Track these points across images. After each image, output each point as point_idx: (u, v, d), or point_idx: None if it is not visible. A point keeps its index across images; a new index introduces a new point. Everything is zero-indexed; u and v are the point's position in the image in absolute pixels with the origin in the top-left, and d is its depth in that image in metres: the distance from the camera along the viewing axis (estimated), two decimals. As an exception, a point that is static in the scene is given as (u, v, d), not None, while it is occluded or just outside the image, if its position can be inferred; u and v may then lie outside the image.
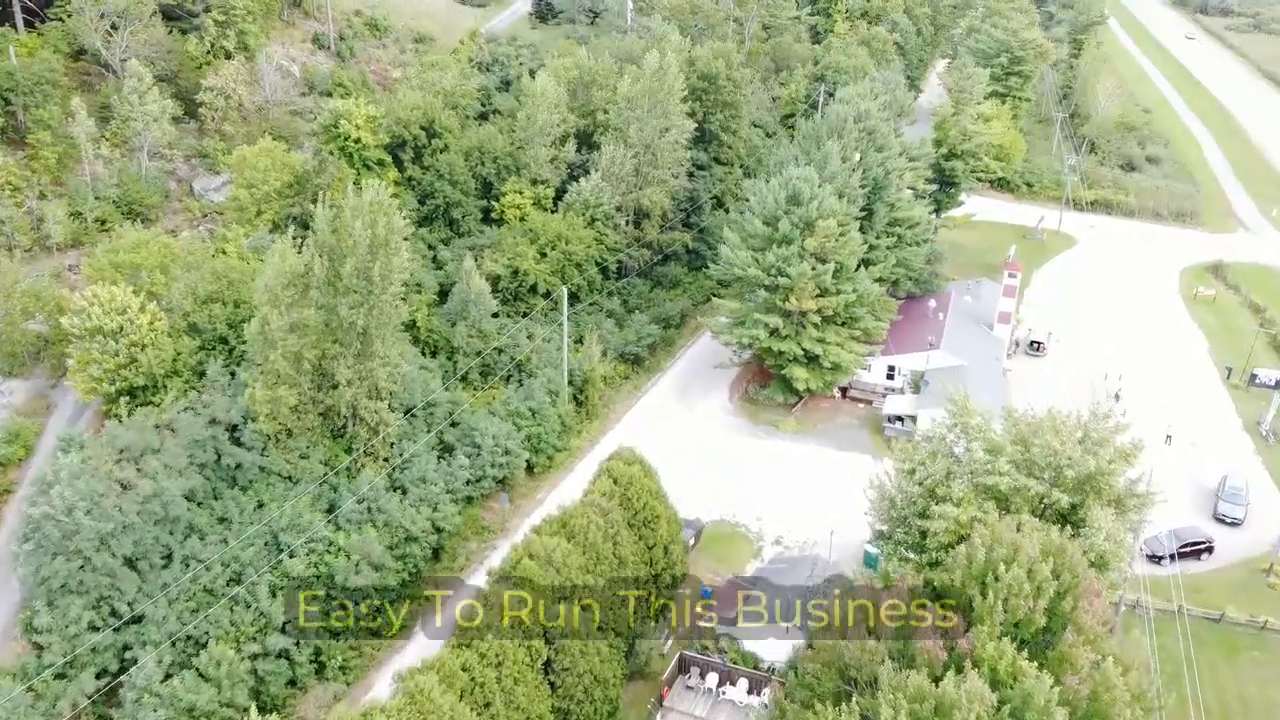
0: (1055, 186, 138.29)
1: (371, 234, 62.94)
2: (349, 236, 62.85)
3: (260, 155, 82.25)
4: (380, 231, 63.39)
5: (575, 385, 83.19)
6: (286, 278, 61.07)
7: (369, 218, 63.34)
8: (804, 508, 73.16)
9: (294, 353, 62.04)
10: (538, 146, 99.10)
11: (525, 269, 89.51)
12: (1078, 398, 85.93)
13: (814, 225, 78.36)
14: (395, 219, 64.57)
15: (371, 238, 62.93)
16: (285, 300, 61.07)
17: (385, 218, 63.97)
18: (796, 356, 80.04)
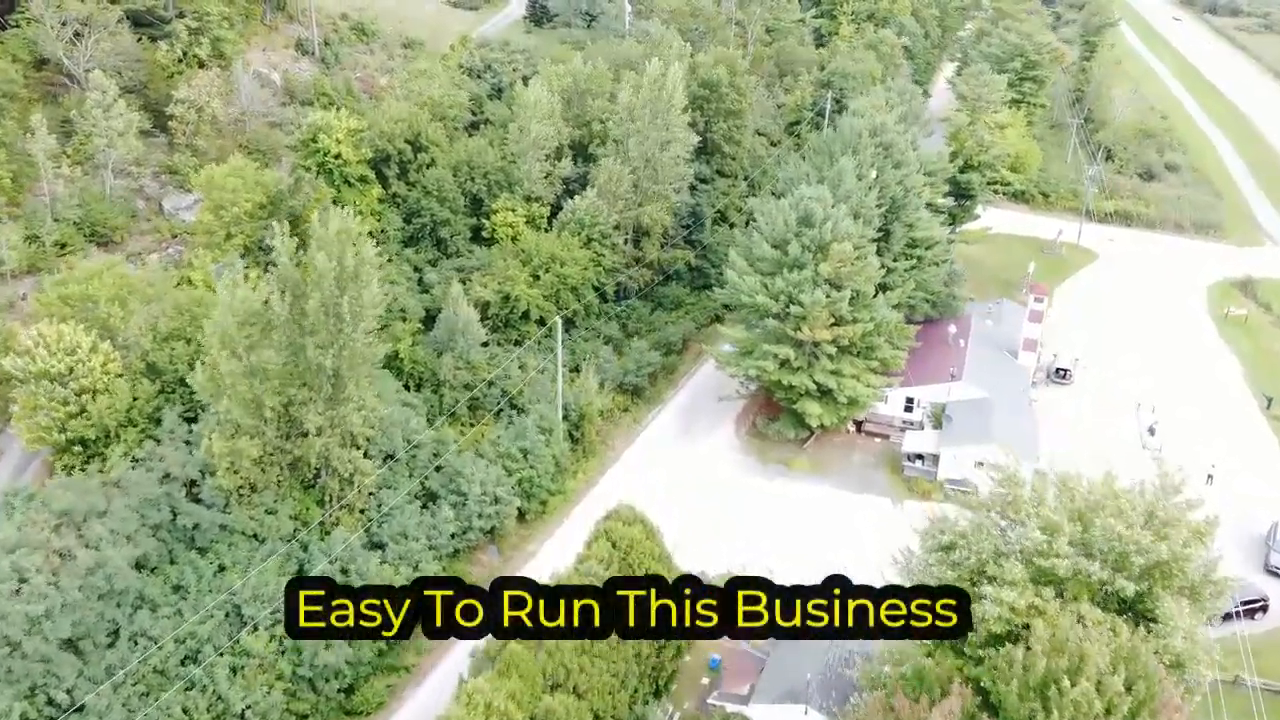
0: (1072, 197, 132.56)
1: (339, 267, 56.99)
2: (314, 269, 56.89)
3: (229, 175, 76.19)
4: (349, 263, 57.43)
5: (571, 420, 77.29)
6: (241, 316, 55.05)
7: (336, 248, 57.38)
8: (820, 559, 67.04)
9: (254, 399, 56.08)
10: (530, 161, 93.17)
11: (517, 294, 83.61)
12: (1111, 433, 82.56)
13: (828, 249, 72.49)
14: (365, 249, 58.62)
15: (339, 271, 56.97)
16: (241, 341, 55.08)
17: (354, 248, 58.02)
18: (809, 390, 74.15)
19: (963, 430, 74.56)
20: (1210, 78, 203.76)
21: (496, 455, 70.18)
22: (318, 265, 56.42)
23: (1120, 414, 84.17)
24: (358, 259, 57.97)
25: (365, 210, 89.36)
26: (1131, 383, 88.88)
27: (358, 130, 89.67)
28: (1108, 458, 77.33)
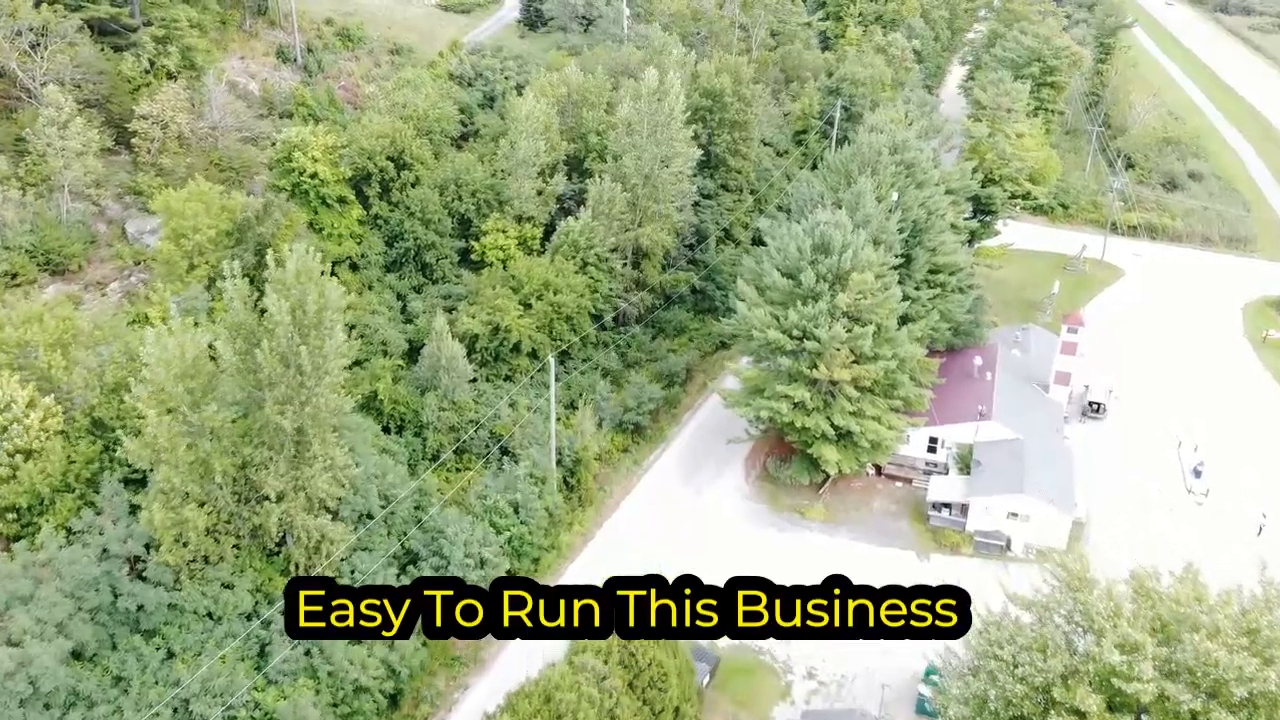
0: (1093, 209, 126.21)
1: (299, 312, 50.55)
2: (270, 316, 50.46)
3: (190, 199, 69.77)
4: (310, 308, 50.99)
5: (565, 466, 70.91)
6: (180, 367, 48.58)
7: (295, 291, 50.93)
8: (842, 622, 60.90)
9: (200, 463, 49.68)
10: (521, 178, 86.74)
11: (507, 325, 77.17)
12: (1152, 475, 76.03)
13: (847, 279, 66.11)
14: (330, 291, 52.17)
15: (299, 317, 50.53)
16: (183, 397, 48.65)
17: (316, 291, 51.58)
18: (825, 434, 67.75)
19: (993, 477, 68.21)
20: (1226, 79, 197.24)
21: (484, 510, 63.78)
22: (274, 311, 50.02)
23: (1160, 452, 77.84)
24: (320, 303, 51.53)
25: (344, 233, 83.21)
26: (1169, 416, 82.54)
27: (336, 147, 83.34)
28: (1151, 503, 72.07)
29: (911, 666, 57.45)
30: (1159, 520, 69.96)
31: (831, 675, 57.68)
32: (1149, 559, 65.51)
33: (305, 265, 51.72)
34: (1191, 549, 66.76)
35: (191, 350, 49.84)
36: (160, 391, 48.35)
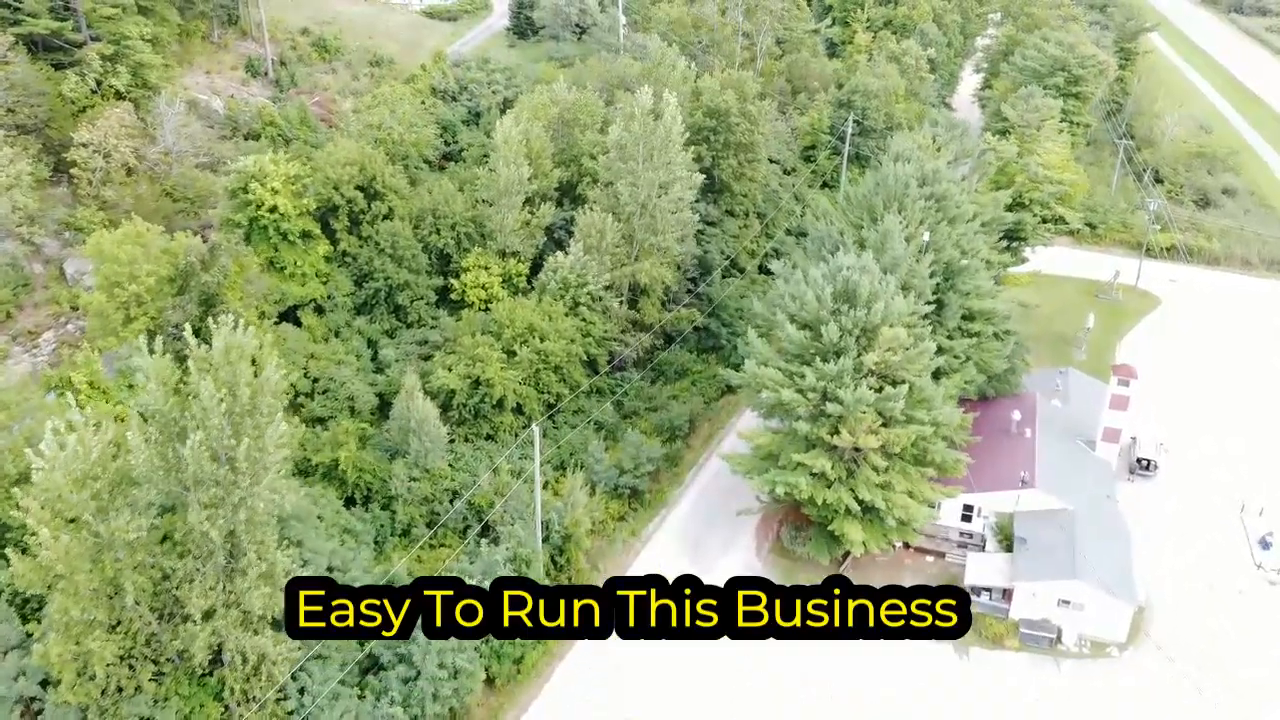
0: (1122, 229, 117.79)
1: (230, 398, 42.22)
2: (194, 404, 42.12)
3: (125, 242, 61.39)
4: (243, 394, 42.65)
5: (553, 543, 62.52)
6: (80, 470, 40.21)
7: (227, 373, 42.60)
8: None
9: (108, 583, 41.31)
10: (504, 209, 78.34)
11: (488, 378, 68.76)
12: (1214, 546, 64.96)
13: (875, 333, 57.76)
14: (268, 372, 43.82)
15: (229, 405, 42.19)
16: (84, 505, 40.28)
17: (251, 372, 43.25)
18: (849, 508, 59.38)
19: (1041, 557, 59.83)
20: (1250, 84, 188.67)
21: (457, 605, 55.27)
22: (201, 398, 41.66)
23: (1221, 518, 69.51)
24: (255, 387, 43.16)
25: (308, 272, 74.86)
26: (1226, 472, 74.22)
27: (299, 176, 74.89)
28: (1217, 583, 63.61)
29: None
30: (1229, 605, 61.65)
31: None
32: (1224, 656, 58.28)
33: (235, 342, 43.34)
34: (1272, 643, 58.70)
35: (100, 447, 41.43)
36: (57, 500, 39.93)
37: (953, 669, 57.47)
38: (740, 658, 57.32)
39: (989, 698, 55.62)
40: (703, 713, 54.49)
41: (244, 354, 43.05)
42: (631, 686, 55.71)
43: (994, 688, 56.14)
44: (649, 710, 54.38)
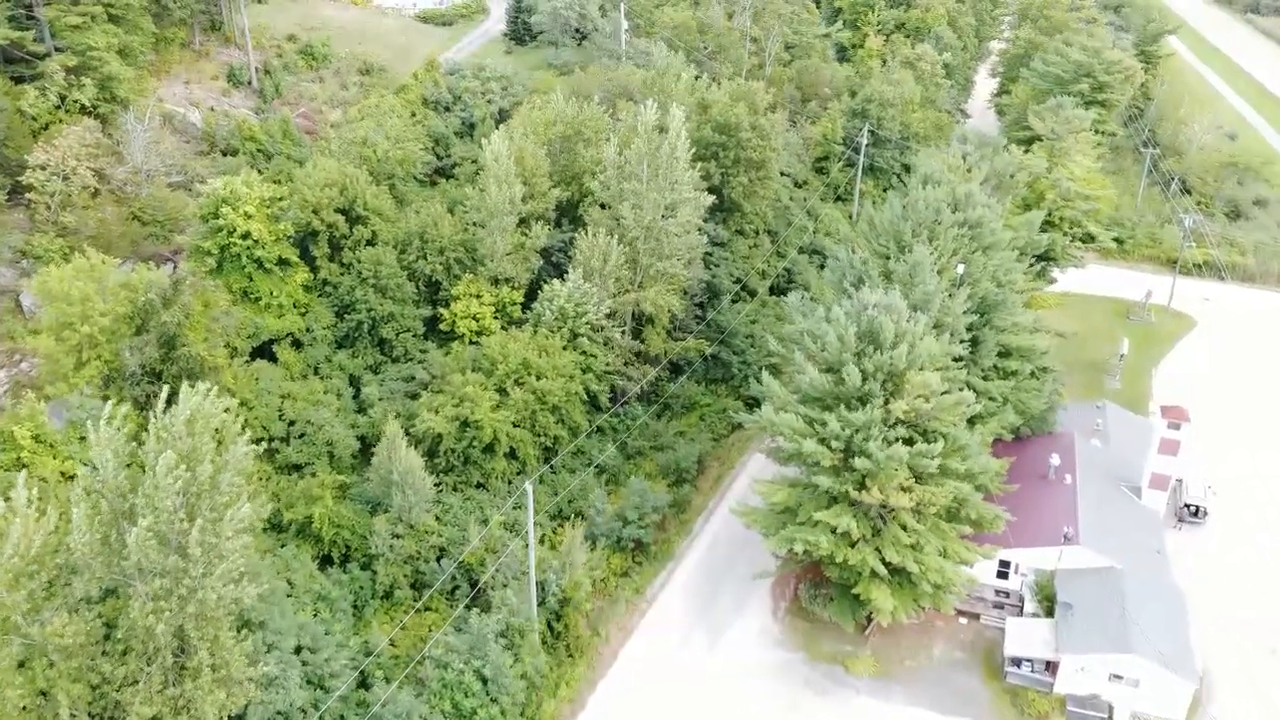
0: (1151, 244, 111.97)
1: (188, 476, 36.66)
2: (147, 479, 36.63)
3: (75, 278, 55.69)
4: (203, 472, 37.07)
5: (549, 607, 56.86)
6: (18, 569, 34.65)
7: (186, 445, 37.07)
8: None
9: (40, 695, 35.69)
10: (495, 233, 72.60)
11: (478, 420, 63.06)
12: (1276, 605, 60.48)
13: (903, 379, 52.02)
14: (236, 450, 38.27)
15: (185, 484, 36.62)
16: (15, 607, 34.67)
17: (215, 444, 37.74)
18: (876, 570, 53.62)
19: (1088, 626, 54.06)
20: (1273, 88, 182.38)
21: (442, 687, 49.65)
22: (155, 474, 36.12)
23: (1276, 571, 63.72)
24: (219, 465, 37.57)
25: (285, 303, 69.18)
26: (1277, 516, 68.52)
27: (275, 199, 69.28)
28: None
29: None
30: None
31: None
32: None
33: (201, 411, 37.79)
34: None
35: (42, 538, 35.87)
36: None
37: (994, 752, 51.82)
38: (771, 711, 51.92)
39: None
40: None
41: (209, 425, 37.49)
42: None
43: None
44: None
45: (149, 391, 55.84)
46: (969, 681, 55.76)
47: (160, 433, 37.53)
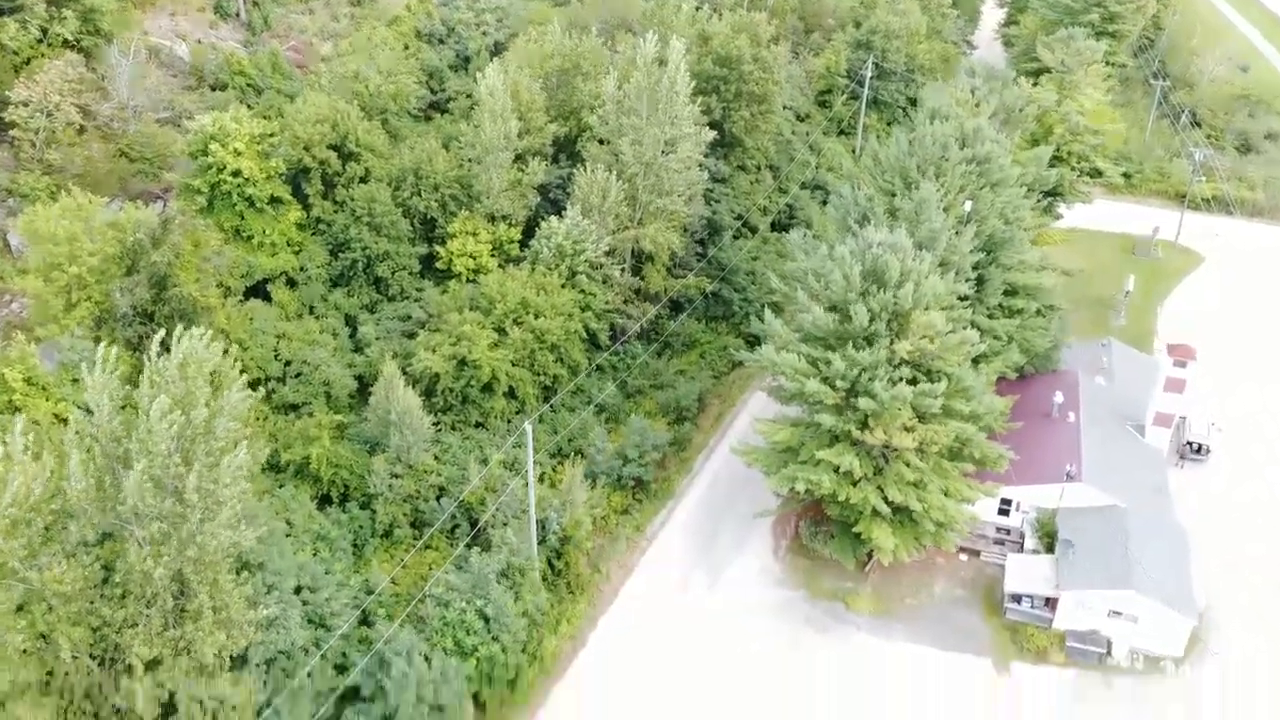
0: (1159, 178, 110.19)
1: (182, 420, 36.07)
2: (141, 424, 36.05)
3: (64, 217, 54.54)
4: (199, 417, 36.47)
5: (550, 545, 56.80)
6: (16, 516, 34.25)
7: (180, 389, 36.42)
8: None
9: (40, 638, 35.57)
10: (491, 169, 71.11)
11: (476, 359, 62.39)
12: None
13: (908, 319, 51.21)
14: (231, 395, 37.64)
15: (180, 428, 36.05)
16: (12, 553, 34.34)
17: (209, 389, 37.09)
18: (877, 509, 53.39)
19: (1090, 563, 54.03)
20: None
21: (443, 625, 49.73)
22: (149, 418, 35.53)
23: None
24: (213, 409, 36.95)
25: (278, 242, 68.04)
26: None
27: (265, 135, 67.69)
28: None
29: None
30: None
31: None
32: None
33: (195, 355, 37.07)
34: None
35: (41, 486, 35.42)
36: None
37: (992, 682, 52.10)
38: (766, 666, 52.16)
39: (1031, 718, 50.32)
40: (724, 712, 49.41)
41: (203, 370, 36.80)
42: (639, 701, 50.41)
43: (1037, 707, 50.75)
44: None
45: (141, 333, 55.08)
46: (969, 618, 55.93)
47: (154, 377, 36.85)
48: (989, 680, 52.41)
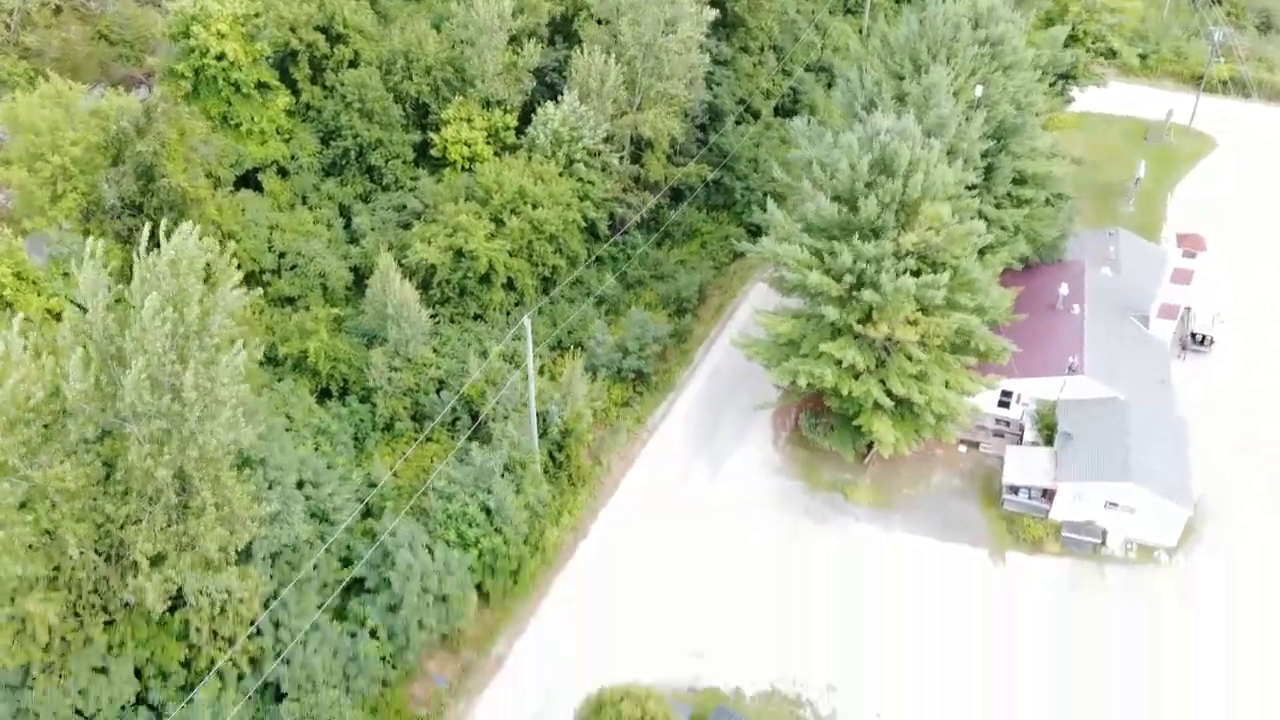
0: (1175, 59, 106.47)
1: (175, 318, 35.43)
2: (134, 323, 35.41)
3: (44, 105, 52.62)
4: (192, 314, 35.80)
5: (551, 438, 56.95)
6: (14, 410, 33.95)
7: (171, 288, 35.64)
8: (899, 657, 48.83)
9: (45, 535, 35.76)
10: (484, 50, 68.46)
11: (473, 250, 61.36)
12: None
13: (915, 210, 50.02)
14: (224, 292, 36.85)
15: (174, 326, 35.44)
16: (12, 449, 34.18)
17: (202, 287, 36.30)
18: (879, 402, 53.27)
19: (1088, 455, 54.23)
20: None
21: (446, 518, 50.23)
22: (142, 316, 34.88)
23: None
24: (206, 306, 36.24)
25: (267, 129, 66.02)
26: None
27: (249, 16, 64.82)
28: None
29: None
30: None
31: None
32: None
33: (185, 252, 36.16)
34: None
35: (42, 386, 34.97)
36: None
37: (987, 572, 53.02)
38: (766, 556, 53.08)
39: (1026, 606, 51.35)
40: (721, 605, 50.45)
41: (194, 266, 35.94)
42: (640, 591, 51.41)
43: (1032, 595, 51.76)
44: (662, 613, 50.27)
45: (131, 225, 53.90)
46: (966, 509, 56.54)
47: (144, 274, 36.00)
48: (984, 570, 53.30)
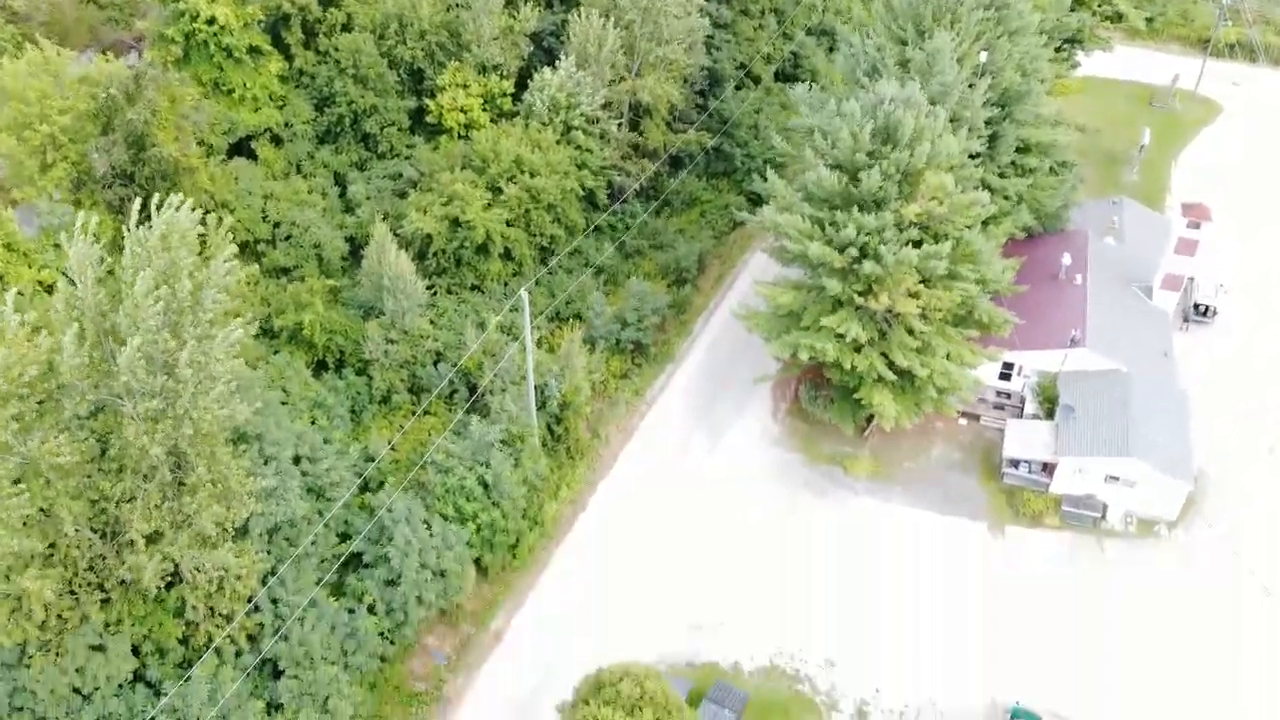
0: (1182, 22, 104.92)
1: (168, 294, 34.86)
2: (126, 298, 34.81)
3: (32, 73, 51.54)
4: (184, 289, 35.19)
5: (549, 411, 56.55)
6: (8, 390, 33.45)
7: (164, 262, 35.02)
8: (898, 630, 48.88)
9: (41, 511, 35.45)
10: (480, 14, 67.18)
11: (470, 220, 60.59)
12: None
13: (918, 179, 49.26)
14: (217, 262, 36.22)
15: (168, 302, 34.88)
16: (7, 425, 33.72)
17: (195, 260, 35.68)
18: (881, 375, 52.86)
19: (1089, 429, 53.91)
20: None
21: (444, 491, 49.97)
22: (134, 293, 34.27)
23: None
24: (198, 280, 35.63)
25: (259, 95, 64.90)
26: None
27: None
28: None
29: (986, 701, 45.66)
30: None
31: (888, 710, 45.78)
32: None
33: (176, 225, 35.47)
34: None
35: (38, 360, 34.43)
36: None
37: (986, 545, 52.93)
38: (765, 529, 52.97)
39: (1025, 580, 51.29)
40: (720, 578, 50.41)
41: (186, 239, 35.27)
42: (638, 564, 51.34)
43: (1031, 569, 51.69)
44: (661, 587, 50.24)
45: (123, 195, 53.08)
46: (966, 482, 56.33)
47: (135, 249, 35.34)
48: (984, 543, 53.17)
